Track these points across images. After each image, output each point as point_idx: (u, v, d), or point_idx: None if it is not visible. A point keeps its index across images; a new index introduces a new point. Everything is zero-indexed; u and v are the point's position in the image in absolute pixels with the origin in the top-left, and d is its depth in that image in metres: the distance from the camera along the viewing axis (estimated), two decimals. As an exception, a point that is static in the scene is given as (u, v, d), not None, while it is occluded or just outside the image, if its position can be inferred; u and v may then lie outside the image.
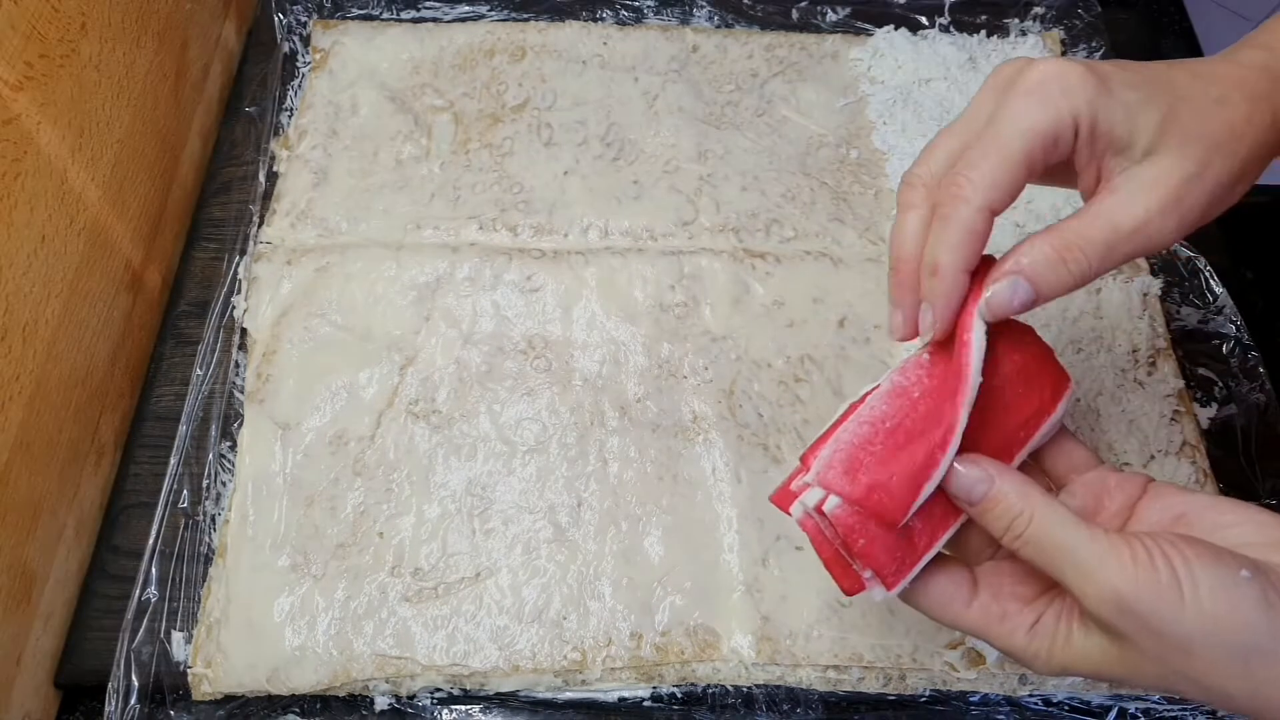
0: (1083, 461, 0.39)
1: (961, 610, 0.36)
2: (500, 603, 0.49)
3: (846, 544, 0.35)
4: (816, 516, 0.36)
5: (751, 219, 0.61)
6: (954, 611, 0.36)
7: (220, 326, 0.57)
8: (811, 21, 0.71)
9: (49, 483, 0.49)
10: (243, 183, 0.63)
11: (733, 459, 0.53)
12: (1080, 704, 0.49)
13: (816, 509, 0.36)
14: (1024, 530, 0.34)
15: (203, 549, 0.51)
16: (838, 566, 0.37)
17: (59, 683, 0.50)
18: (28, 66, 0.46)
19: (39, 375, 0.48)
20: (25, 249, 0.46)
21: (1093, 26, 0.70)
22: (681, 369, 0.56)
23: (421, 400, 0.55)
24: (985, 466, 0.35)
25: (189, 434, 0.54)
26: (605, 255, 0.59)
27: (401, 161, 0.63)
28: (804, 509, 0.36)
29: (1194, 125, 0.35)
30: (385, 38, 0.68)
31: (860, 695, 0.49)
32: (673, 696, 0.49)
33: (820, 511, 0.36)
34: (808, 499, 0.36)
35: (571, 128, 0.65)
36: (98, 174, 0.52)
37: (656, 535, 0.51)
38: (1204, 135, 0.35)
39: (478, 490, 0.52)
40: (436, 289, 0.58)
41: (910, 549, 0.36)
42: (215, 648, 0.48)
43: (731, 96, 0.67)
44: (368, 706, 0.48)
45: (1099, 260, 0.35)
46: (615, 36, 0.69)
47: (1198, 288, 0.60)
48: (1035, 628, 0.35)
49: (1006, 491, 0.34)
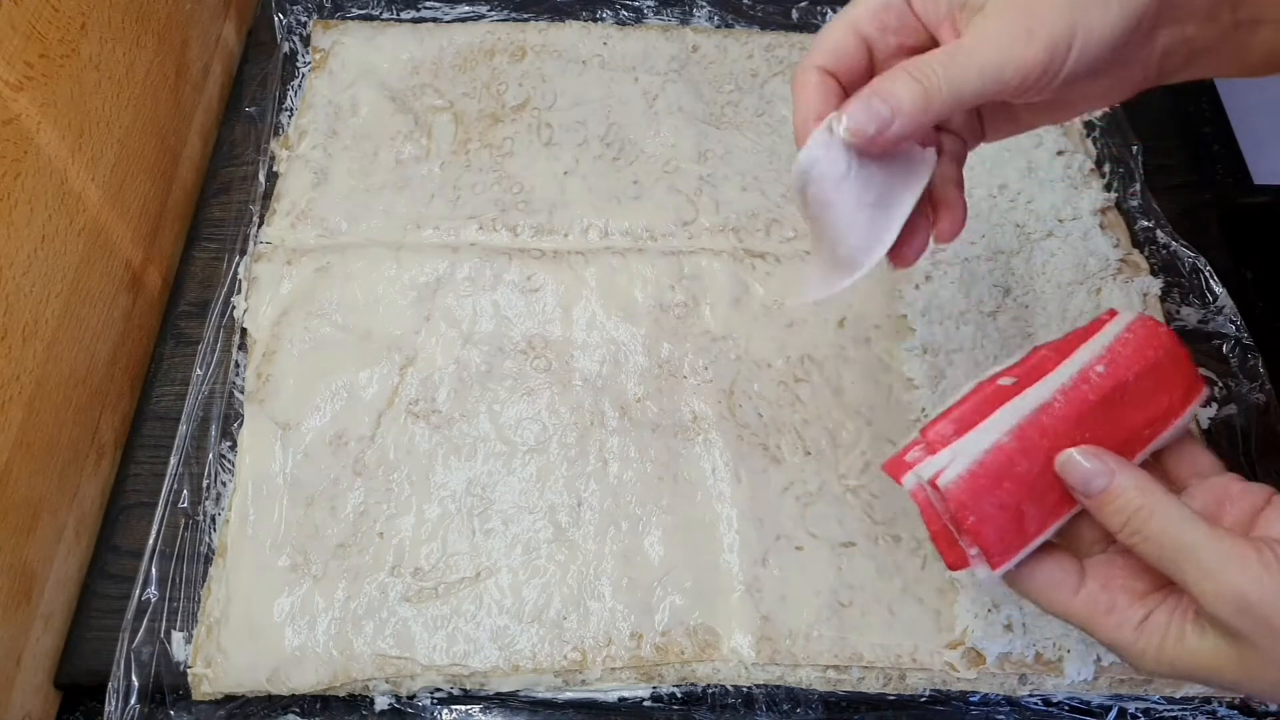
0: (1207, 467, 0.39)
1: (1068, 598, 0.36)
2: (500, 603, 0.49)
3: (956, 520, 0.35)
4: (929, 489, 0.36)
5: (751, 219, 0.61)
6: (1060, 599, 0.36)
7: (220, 326, 0.57)
8: (811, 21, 0.71)
9: (49, 483, 0.49)
10: (243, 183, 0.63)
11: (732, 459, 0.53)
12: (1080, 704, 0.49)
13: (930, 482, 0.36)
14: (1143, 526, 0.33)
15: (203, 549, 0.51)
16: (944, 540, 0.36)
17: (59, 683, 0.50)
18: (28, 66, 0.46)
19: (39, 375, 0.48)
20: (25, 249, 0.46)
21: (1093, 26, 0.70)
22: (681, 369, 0.56)
23: (421, 400, 0.55)
24: (1106, 460, 0.35)
25: (189, 434, 0.54)
26: (605, 255, 0.59)
27: (401, 161, 0.63)
28: (918, 480, 0.36)
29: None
30: (385, 38, 0.68)
31: (860, 695, 0.49)
32: (673, 696, 0.49)
33: (934, 485, 0.35)
34: (923, 470, 0.36)
35: (571, 128, 0.65)
36: (98, 174, 0.52)
37: (656, 535, 0.51)
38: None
39: (478, 490, 0.52)
40: (437, 289, 0.58)
41: (1020, 533, 0.35)
42: (215, 648, 0.48)
43: (731, 96, 0.67)
44: (368, 706, 0.48)
45: (948, 79, 0.34)
46: (615, 36, 0.69)
47: (1198, 288, 0.60)
48: (1145, 623, 0.34)
49: (1126, 486, 0.34)
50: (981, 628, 0.49)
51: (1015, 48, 0.34)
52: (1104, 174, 0.64)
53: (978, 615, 0.49)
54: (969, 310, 0.57)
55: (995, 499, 0.35)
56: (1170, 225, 0.62)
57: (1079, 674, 0.48)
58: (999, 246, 0.60)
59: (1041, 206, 0.61)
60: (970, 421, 0.36)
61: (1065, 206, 0.61)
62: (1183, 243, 0.62)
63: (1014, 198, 0.62)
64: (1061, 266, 0.59)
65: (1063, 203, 0.62)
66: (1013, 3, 0.34)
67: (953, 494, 0.35)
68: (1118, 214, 0.63)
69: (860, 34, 0.38)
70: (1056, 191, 0.62)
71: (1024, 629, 0.49)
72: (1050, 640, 0.48)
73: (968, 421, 0.36)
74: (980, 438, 0.36)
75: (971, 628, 0.49)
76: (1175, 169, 0.66)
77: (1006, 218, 0.61)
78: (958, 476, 0.35)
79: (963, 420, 0.37)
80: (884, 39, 0.38)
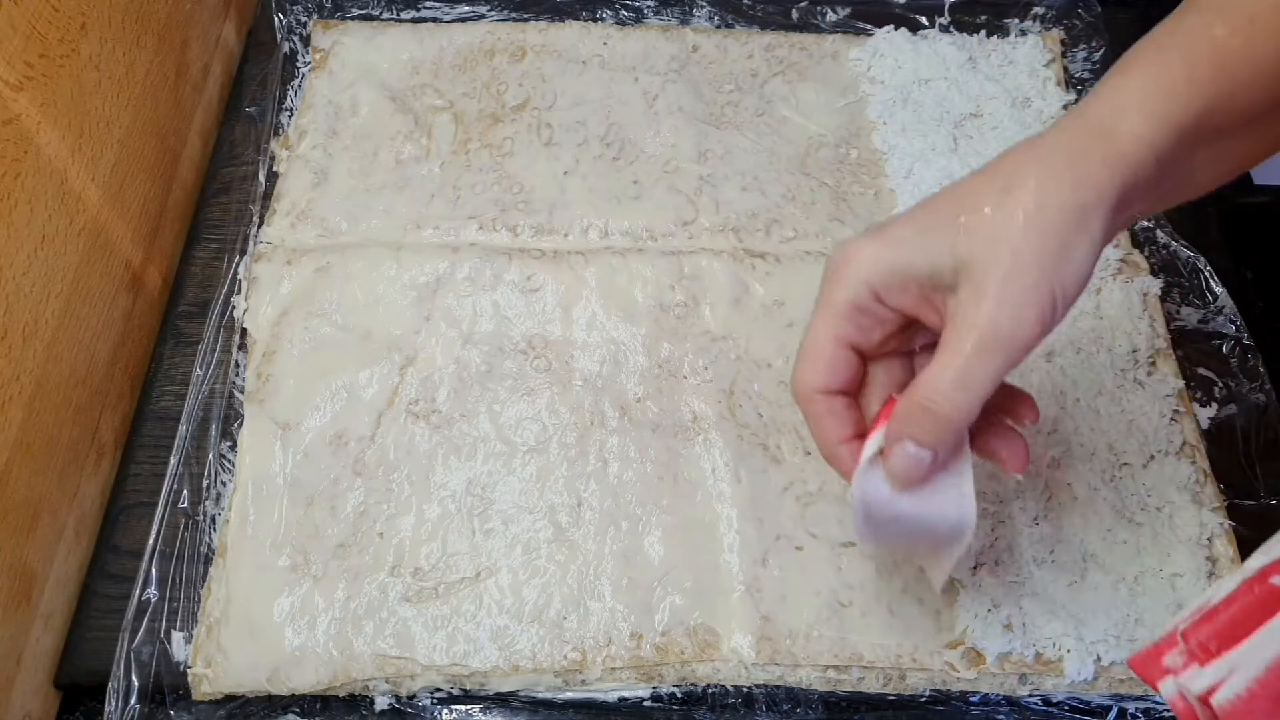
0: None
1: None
2: (500, 603, 0.49)
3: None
4: (1196, 704, 0.31)
5: (751, 219, 0.61)
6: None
7: (220, 326, 0.57)
8: (811, 21, 0.71)
9: (49, 483, 0.49)
10: (243, 183, 0.63)
11: (733, 459, 0.53)
12: (1080, 704, 0.49)
13: (1200, 698, 0.31)
14: None
15: (203, 549, 0.51)
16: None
17: (59, 683, 0.50)
18: (28, 66, 0.46)
19: (39, 375, 0.48)
20: (25, 249, 0.46)
21: (1092, 26, 0.70)
22: (681, 369, 0.56)
23: (421, 400, 0.55)
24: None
25: (189, 434, 0.54)
26: (605, 255, 0.59)
27: (401, 161, 0.63)
28: (1178, 689, 0.32)
29: (983, 228, 0.34)
30: (385, 38, 0.68)
31: (860, 695, 0.49)
32: (673, 696, 0.49)
33: (1205, 702, 0.31)
34: (1188, 682, 0.31)
35: (571, 128, 0.65)
36: (98, 174, 0.52)
37: (656, 535, 0.51)
38: (997, 233, 0.34)
39: (478, 490, 0.52)
40: (436, 289, 0.58)
41: None
42: (215, 648, 0.48)
43: (731, 96, 0.67)
44: (368, 706, 0.48)
45: (963, 398, 0.35)
46: (615, 36, 0.69)
47: (1198, 288, 0.60)
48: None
49: None
50: (981, 628, 0.49)
51: (1014, 333, 0.34)
52: (1104, 174, 0.64)
53: (977, 615, 0.49)
54: (969, 310, 0.57)
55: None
56: (1170, 225, 0.62)
57: (1079, 674, 0.48)
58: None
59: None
60: (1242, 629, 0.31)
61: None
62: (1183, 243, 0.62)
63: (1014, 198, 0.62)
64: (1061, 266, 0.59)
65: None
66: (987, 287, 0.34)
67: (1230, 713, 0.30)
68: (1118, 214, 0.63)
69: (844, 343, 0.38)
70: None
71: (1024, 629, 0.49)
72: (1050, 640, 0.48)
73: (1239, 629, 0.31)
74: (1259, 650, 0.30)
75: (971, 627, 0.49)
76: (1175, 169, 0.66)
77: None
78: (1235, 696, 0.30)
79: (1234, 626, 0.31)
80: (867, 337, 0.38)
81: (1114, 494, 0.52)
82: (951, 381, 0.35)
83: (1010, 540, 0.51)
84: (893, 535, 0.41)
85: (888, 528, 0.40)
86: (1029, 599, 0.49)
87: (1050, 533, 0.51)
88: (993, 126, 0.65)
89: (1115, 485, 0.53)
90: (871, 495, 0.39)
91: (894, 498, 0.38)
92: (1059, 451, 0.53)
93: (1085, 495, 0.52)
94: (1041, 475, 0.52)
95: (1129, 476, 0.53)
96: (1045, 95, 0.66)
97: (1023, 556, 0.51)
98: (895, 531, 0.41)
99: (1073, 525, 0.51)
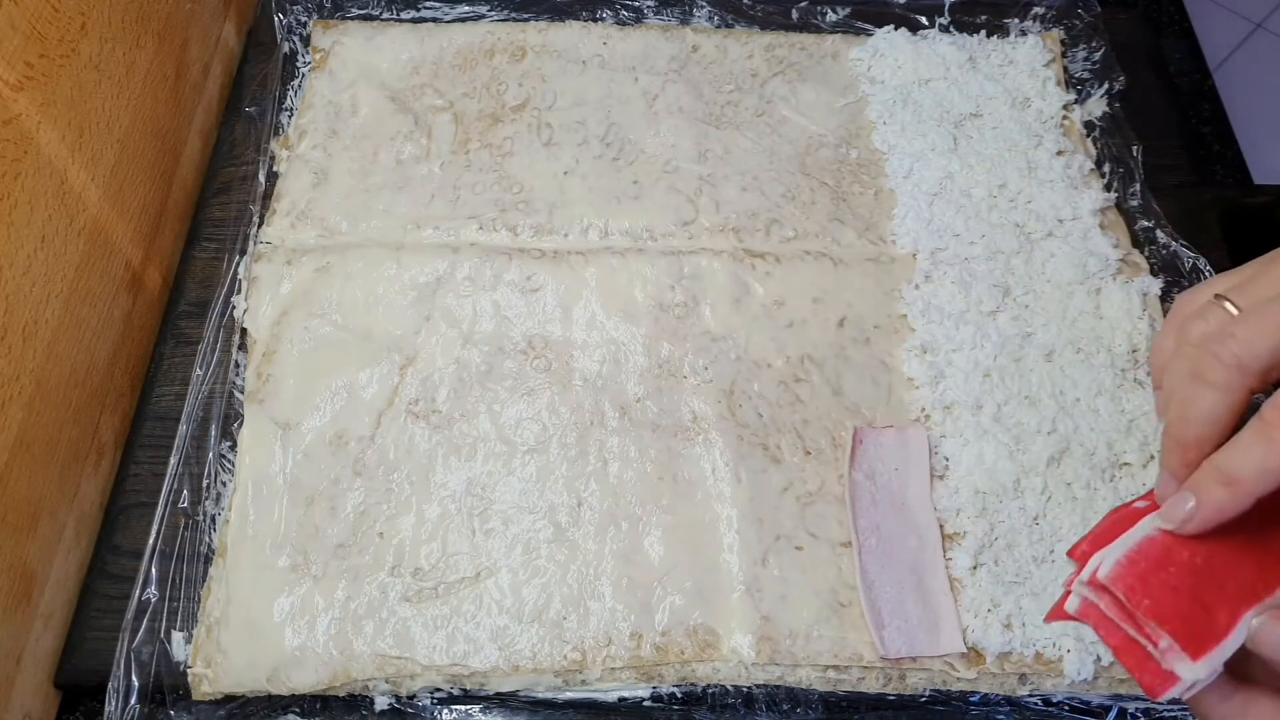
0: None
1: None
2: (500, 603, 0.49)
3: (1131, 610, 0.32)
4: (1092, 594, 0.33)
5: (751, 219, 0.61)
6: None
7: (220, 326, 0.57)
8: (811, 21, 0.71)
9: (49, 483, 0.49)
10: (243, 183, 0.63)
11: (732, 459, 0.53)
12: (1080, 704, 0.49)
13: (1090, 582, 0.33)
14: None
15: (203, 549, 0.51)
16: (1130, 655, 0.33)
17: (59, 683, 0.50)
18: (28, 66, 0.46)
19: (39, 375, 0.48)
20: (25, 249, 0.46)
21: (1092, 26, 0.70)
22: (681, 369, 0.56)
23: (421, 400, 0.55)
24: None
25: (189, 434, 0.54)
26: (605, 255, 0.59)
27: (401, 161, 0.63)
28: (1079, 597, 0.34)
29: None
30: (385, 38, 0.68)
31: (860, 695, 0.49)
32: (673, 696, 0.49)
33: (1094, 584, 0.33)
34: (1079, 583, 0.33)
35: (571, 128, 0.65)
36: (98, 174, 0.52)
37: (656, 535, 0.51)
38: None
39: (478, 490, 0.52)
40: (436, 289, 0.58)
41: (1208, 621, 0.31)
42: (215, 648, 0.48)
43: (731, 96, 0.67)
44: (368, 706, 0.48)
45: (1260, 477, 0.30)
46: (615, 36, 0.69)
47: (1198, 288, 0.60)
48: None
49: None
50: (981, 627, 0.49)
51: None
52: (1104, 174, 0.64)
53: (977, 615, 0.49)
54: (969, 310, 0.57)
55: (1163, 580, 0.32)
56: (1170, 225, 0.62)
57: (1079, 674, 0.48)
58: (999, 246, 0.60)
59: (1041, 206, 0.61)
60: (1112, 534, 0.34)
61: (1065, 206, 0.61)
62: (1183, 243, 0.62)
63: (1014, 198, 0.62)
64: (1061, 266, 0.59)
65: (1063, 203, 0.62)
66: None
67: (1116, 579, 0.32)
68: (1118, 214, 0.63)
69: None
70: (1056, 191, 0.62)
71: (1023, 628, 0.49)
72: (1050, 640, 0.48)
73: (1109, 534, 0.34)
74: (1128, 537, 0.33)
75: (971, 627, 0.49)
76: (1175, 169, 0.66)
77: (1006, 218, 0.61)
78: (1115, 564, 0.32)
79: (1104, 533, 0.34)
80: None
81: (1114, 494, 0.52)
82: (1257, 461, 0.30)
83: (1010, 540, 0.51)
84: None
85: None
86: (1029, 598, 0.49)
87: (1050, 532, 0.51)
88: (993, 126, 0.65)
89: (1115, 485, 0.53)
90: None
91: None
92: (1059, 451, 0.53)
93: (1085, 495, 0.52)
94: (1041, 475, 0.52)
95: (1129, 476, 0.53)
96: (1045, 95, 0.66)
97: (1023, 556, 0.51)
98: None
99: (1073, 525, 0.51)
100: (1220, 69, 1.33)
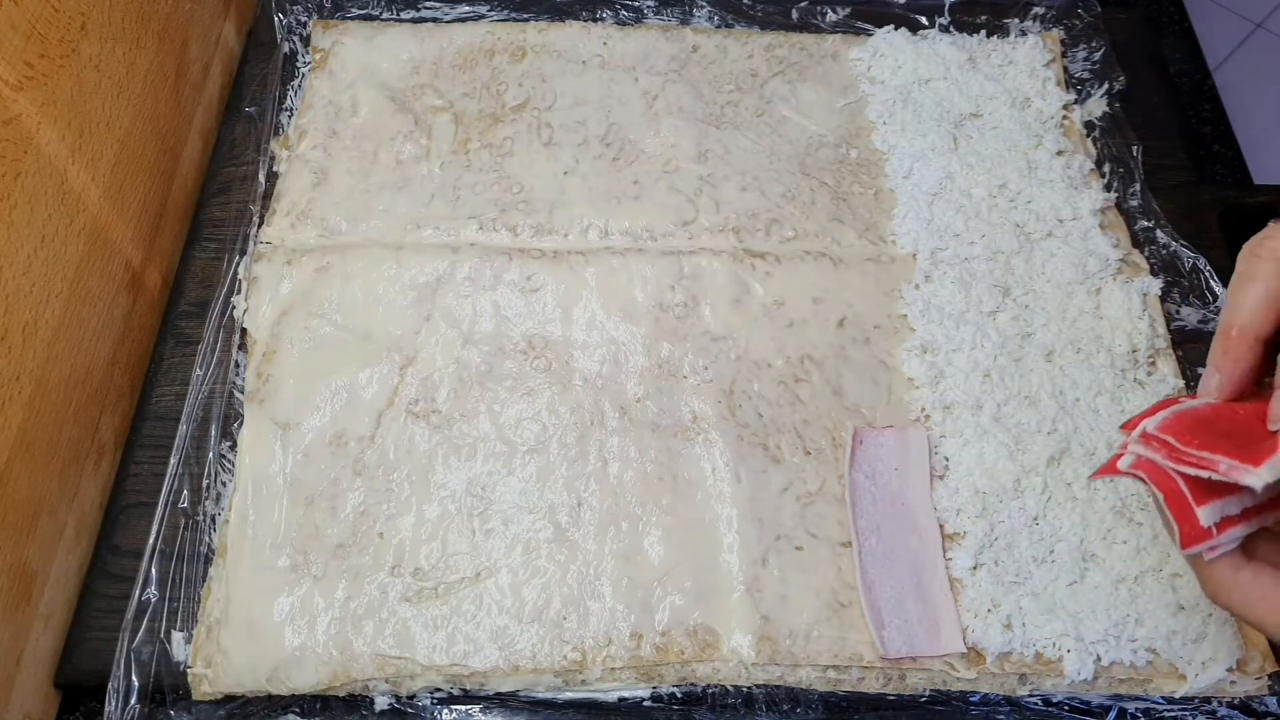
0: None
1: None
2: (500, 603, 0.49)
3: (1181, 446, 0.35)
4: (1143, 449, 0.36)
5: (751, 219, 0.61)
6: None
7: (220, 326, 0.57)
8: (811, 21, 0.71)
9: (49, 483, 0.49)
10: (243, 183, 0.63)
11: (732, 459, 0.53)
12: (1080, 704, 0.49)
13: (1141, 436, 0.36)
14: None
15: (203, 549, 0.51)
16: (1176, 503, 0.35)
17: (59, 683, 0.50)
18: (28, 66, 0.46)
19: (39, 375, 0.48)
20: (25, 249, 0.46)
21: (1093, 26, 0.70)
22: (681, 369, 0.56)
23: (421, 400, 0.55)
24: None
25: (189, 434, 0.54)
26: (605, 255, 0.59)
27: (401, 161, 0.63)
28: (1133, 455, 0.37)
29: None
30: (385, 38, 0.68)
31: (860, 695, 0.49)
32: (673, 696, 0.49)
33: (1145, 436, 0.36)
34: (1132, 440, 0.37)
35: (571, 128, 0.65)
36: (98, 174, 0.52)
37: (656, 535, 0.51)
38: None
39: (478, 490, 0.52)
40: (436, 289, 0.58)
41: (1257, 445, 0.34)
42: (215, 648, 0.48)
43: (731, 96, 0.67)
44: (368, 706, 0.48)
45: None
46: (615, 36, 0.69)
47: (1198, 288, 0.60)
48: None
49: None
50: (981, 627, 0.49)
51: None
52: (1104, 174, 0.64)
53: (977, 615, 0.49)
54: (969, 310, 0.57)
55: (1209, 428, 0.35)
56: (1170, 225, 0.62)
57: (1079, 674, 0.48)
58: (999, 246, 0.60)
59: (1041, 206, 0.61)
60: (1158, 410, 0.37)
61: (1065, 206, 0.61)
62: (1183, 243, 0.62)
63: (1014, 198, 0.62)
64: (1061, 266, 0.59)
65: (1063, 203, 0.62)
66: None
67: (1166, 429, 0.35)
68: (1118, 214, 0.63)
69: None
70: (1056, 191, 0.62)
71: (1023, 628, 0.49)
72: (1050, 640, 0.48)
73: (1156, 410, 0.37)
74: (1174, 409, 0.37)
75: (971, 627, 0.49)
76: (1175, 169, 0.66)
77: (1006, 218, 0.61)
78: (1163, 420, 0.36)
79: (1151, 411, 0.37)
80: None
81: (1114, 494, 0.52)
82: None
83: (1010, 540, 0.51)
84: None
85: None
86: (1029, 598, 0.49)
87: (1050, 532, 0.51)
88: (992, 126, 0.65)
89: (1115, 485, 0.53)
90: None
91: None
92: (1059, 451, 0.53)
93: (1085, 495, 0.52)
94: (1041, 475, 0.52)
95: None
96: (1045, 95, 0.66)
97: (1023, 556, 0.51)
98: None
99: (1073, 525, 0.51)
100: (1220, 69, 1.33)
